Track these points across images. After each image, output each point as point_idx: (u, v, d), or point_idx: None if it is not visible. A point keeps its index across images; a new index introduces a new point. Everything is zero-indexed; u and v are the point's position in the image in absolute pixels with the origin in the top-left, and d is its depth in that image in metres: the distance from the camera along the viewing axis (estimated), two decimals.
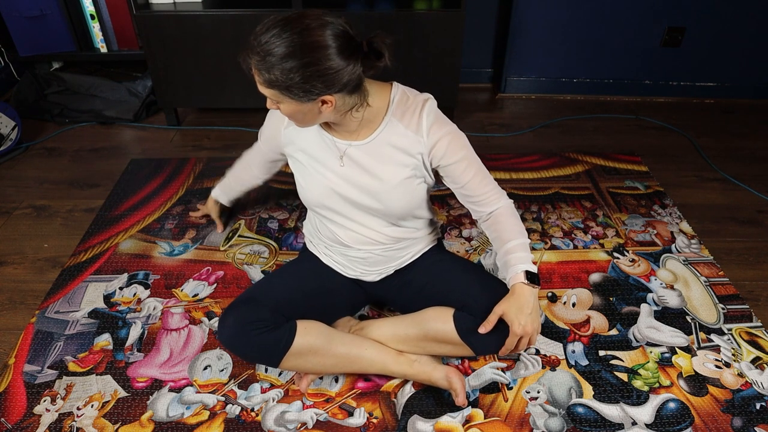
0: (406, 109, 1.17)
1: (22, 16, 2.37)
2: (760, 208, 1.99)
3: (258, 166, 1.55)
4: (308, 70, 0.99)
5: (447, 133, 1.18)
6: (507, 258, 1.24)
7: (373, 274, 1.37)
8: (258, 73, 1.03)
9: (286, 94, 1.03)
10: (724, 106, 2.69)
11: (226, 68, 2.27)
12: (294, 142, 1.26)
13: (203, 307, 1.56)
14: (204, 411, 1.29)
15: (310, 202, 1.29)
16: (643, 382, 1.37)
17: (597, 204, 1.98)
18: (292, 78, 1.00)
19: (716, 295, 1.61)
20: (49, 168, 2.18)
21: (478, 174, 1.24)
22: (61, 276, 1.65)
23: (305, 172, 1.26)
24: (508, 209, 1.28)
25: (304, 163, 1.26)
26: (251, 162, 1.57)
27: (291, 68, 0.99)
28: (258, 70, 1.02)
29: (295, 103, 1.05)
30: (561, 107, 2.67)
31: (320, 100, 1.05)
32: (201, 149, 2.30)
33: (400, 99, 1.18)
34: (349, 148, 1.19)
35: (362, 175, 1.20)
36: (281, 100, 1.06)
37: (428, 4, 2.24)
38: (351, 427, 1.26)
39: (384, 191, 1.21)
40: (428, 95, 1.20)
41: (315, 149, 1.23)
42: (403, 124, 1.17)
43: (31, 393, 1.33)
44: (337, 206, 1.26)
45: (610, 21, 2.53)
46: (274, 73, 1.00)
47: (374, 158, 1.19)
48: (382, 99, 1.16)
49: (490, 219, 1.29)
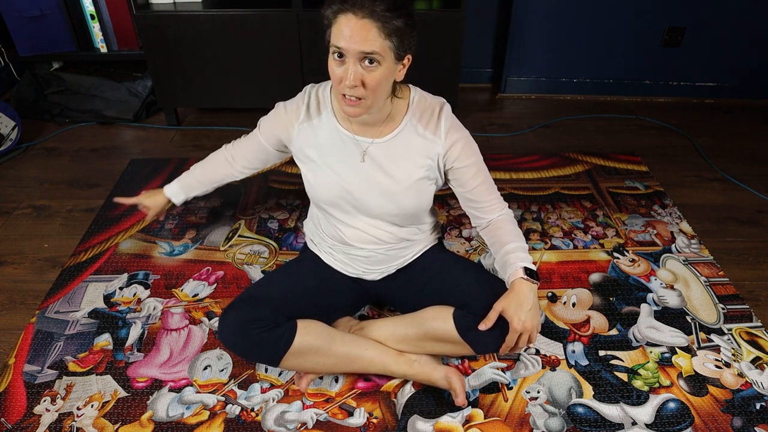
0: (424, 110, 1.21)
1: (22, 16, 2.37)
2: (760, 208, 1.99)
3: (248, 159, 1.45)
4: (411, 19, 1.05)
5: (463, 137, 1.22)
6: (506, 258, 1.25)
7: (375, 273, 1.37)
8: (373, 22, 1.00)
9: (397, 46, 1.04)
10: (724, 106, 2.69)
11: (226, 68, 2.27)
12: (307, 139, 1.25)
13: (203, 307, 1.56)
14: (204, 411, 1.29)
15: (320, 200, 1.29)
16: (643, 382, 1.37)
17: (597, 204, 1.98)
18: (409, 24, 1.04)
19: (716, 295, 1.61)
20: (49, 168, 2.18)
21: (485, 182, 1.28)
22: (61, 276, 1.65)
23: (317, 169, 1.26)
24: (508, 217, 1.32)
25: (316, 161, 1.25)
26: (238, 155, 1.46)
27: (409, 14, 1.04)
28: (377, 17, 1.00)
29: (392, 65, 1.06)
30: (561, 107, 2.67)
31: (407, 56, 1.09)
32: (201, 149, 2.30)
33: (419, 100, 1.21)
34: (371, 146, 1.20)
35: (379, 173, 1.22)
36: (385, 58, 1.04)
37: (428, 4, 2.24)
38: (351, 427, 1.26)
39: (398, 191, 1.22)
40: (443, 99, 1.24)
41: (330, 147, 1.23)
42: (422, 125, 1.20)
43: (31, 393, 1.33)
44: (347, 205, 1.26)
45: (610, 21, 2.53)
46: (400, 20, 1.02)
47: (392, 157, 1.21)
48: (403, 97, 1.20)
49: (490, 225, 1.32)
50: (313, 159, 1.25)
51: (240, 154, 1.47)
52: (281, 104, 1.31)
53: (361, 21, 1.00)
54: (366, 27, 1.01)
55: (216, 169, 1.52)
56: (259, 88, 2.32)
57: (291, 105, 1.28)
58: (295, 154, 1.31)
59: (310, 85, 1.27)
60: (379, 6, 1.00)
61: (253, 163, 1.47)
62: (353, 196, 1.24)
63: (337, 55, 1.05)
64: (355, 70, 1.04)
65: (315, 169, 1.26)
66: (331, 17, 1.05)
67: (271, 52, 2.23)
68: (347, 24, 1.01)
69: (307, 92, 1.26)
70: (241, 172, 1.50)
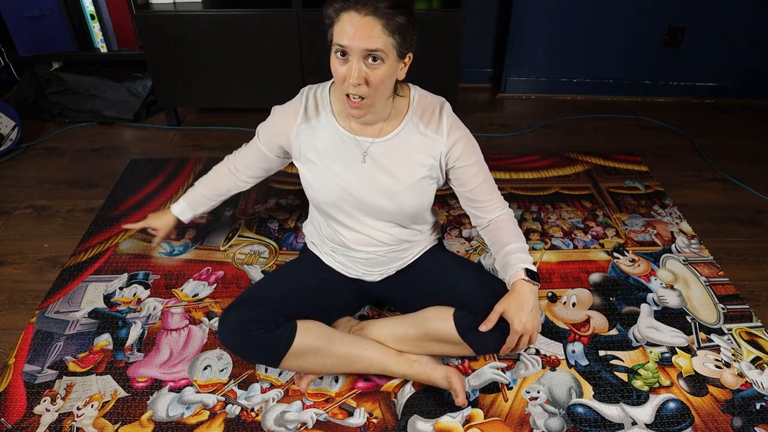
0: (425, 109, 1.21)
1: (22, 16, 2.37)
2: (760, 208, 1.99)
3: (251, 168, 1.44)
4: (413, 17, 1.06)
5: (464, 135, 1.22)
6: (507, 259, 1.25)
7: (375, 274, 1.37)
8: (376, 20, 1.01)
9: (399, 44, 1.04)
10: (724, 106, 2.69)
11: (226, 68, 2.27)
12: (306, 141, 1.25)
13: (203, 307, 1.56)
14: (204, 411, 1.29)
15: (320, 202, 1.28)
16: (643, 382, 1.36)
17: (597, 204, 1.98)
18: (410, 22, 1.04)
19: (716, 295, 1.61)
20: (49, 168, 2.18)
21: (486, 181, 1.28)
22: (61, 276, 1.65)
23: (317, 171, 1.25)
24: (508, 217, 1.32)
25: (316, 163, 1.24)
26: (240, 165, 1.45)
27: (410, 12, 1.05)
28: (380, 15, 1.01)
29: (394, 60, 1.06)
30: (561, 107, 2.67)
31: (408, 54, 1.09)
32: (201, 149, 2.30)
33: (420, 99, 1.21)
34: (372, 146, 1.20)
35: (380, 173, 1.21)
36: (389, 55, 1.04)
37: (428, 4, 2.24)
38: (351, 427, 1.26)
39: (399, 191, 1.22)
40: (443, 98, 1.24)
41: (330, 148, 1.22)
42: (423, 123, 1.20)
43: (31, 393, 1.33)
44: (347, 206, 1.26)
45: (610, 21, 2.53)
46: (403, 18, 1.02)
47: (394, 156, 1.20)
48: (404, 96, 1.20)
49: (490, 225, 1.31)
50: (313, 161, 1.25)
51: (242, 164, 1.45)
52: (277, 108, 1.30)
53: (364, 18, 1.00)
54: (370, 24, 1.01)
55: (220, 181, 1.50)
56: (259, 88, 2.32)
57: (288, 108, 1.27)
58: (294, 156, 1.30)
59: (307, 87, 1.26)
60: (382, 3, 1.00)
61: (256, 172, 1.45)
62: (354, 196, 1.23)
63: (340, 53, 1.05)
64: (359, 68, 1.04)
65: (314, 170, 1.25)
66: (333, 16, 1.04)
67: (271, 52, 2.23)
68: (350, 22, 1.01)
69: (305, 94, 1.25)
70: (246, 182, 1.48)
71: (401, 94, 1.20)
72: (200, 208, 1.55)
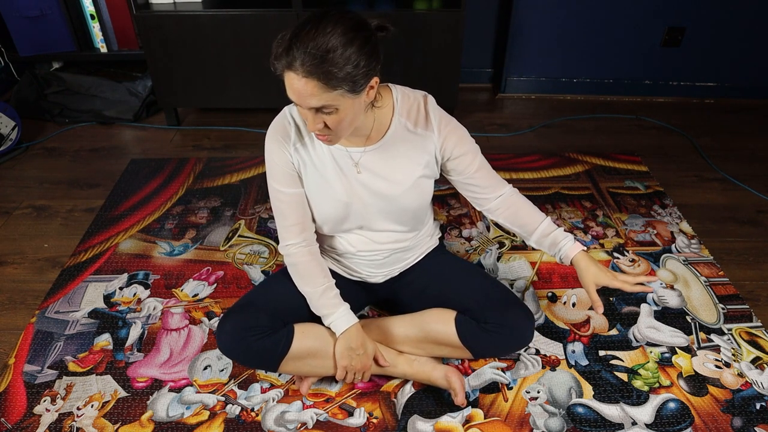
0: (410, 107, 1.19)
1: (22, 16, 2.37)
2: (760, 208, 1.99)
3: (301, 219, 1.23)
4: (366, 48, 0.97)
5: (454, 126, 1.21)
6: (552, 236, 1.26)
7: (379, 276, 1.37)
8: (315, 80, 0.95)
9: (350, 90, 0.98)
10: (724, 106, 2.69)
11: (226, 68, 2.27)
12: (302, 160, 1.20)
13: (203, 307, 1.56)
14: (204, 411, 1.29)
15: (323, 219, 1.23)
16: (643, 382, 1.36)
17: (597, 204, 1.98)
18: (358, 65, 0.96)
19: (716, 295, 1.61)
20: (49, 168, 2.18)
21: (483, 165, 1.27)
22: (61, 276, 1.65)
23: (316, 190, 1.21)
24: (516, 194, 1.30)
25: (315, 180, 1.20)
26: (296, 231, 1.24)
27: (356, 55, 0.96)
28: (317, 76, 0.95)
29: (352, 101, 1.00)
30: (561, 107, 2.67)
31: (369, 85, 1.02)
32: (201, 149, 2.30)
33: (402, 98, 1.19)
34: (364, 156, 1.18)
35: (377, 180, 1.20)
36: (340, 104, 0.99)
37: (428, 4, 2.24)
38: (351, 427, 1.26)
39: (399, 194, 1.21)
40: (424, 92, 1.22)
41: (325, 165, 1.19)
42: (411, 122, 1.18)
43: (31, 393, 1.33)
44: (352, 218, 1.24)
45: (610, 21, 2.53)
46: (344, 70, 0.95)
47: (388, 161, 1.19)
48: (386, 99, 1.17)
49: (501, 208, 1.29)
50: (311, 179, 1.21)
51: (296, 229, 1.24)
52: (267, 140, 1.21)
53: (302, 80, 0.96)
54: (309, 85, 0.96)
55: (314, 262, 1.26)
56: (259, 88, 2.32)
57: (277, 133, 1.19)
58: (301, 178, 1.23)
59: (287, 107, 1.21)
60: (319, 60, 0.93)
61: (308, 218, 1.25)
62: (354, 208, 1.22)
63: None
64: (314, 118, 1.02)
65: (314, 189, 1.22)
66: (279, 71, 1.00)
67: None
68: (290, 84, 0.98)
69: (288, 113, 1.20)
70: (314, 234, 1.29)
71: (379, 105, 1.15)
72: (336, 289, 1.28)
